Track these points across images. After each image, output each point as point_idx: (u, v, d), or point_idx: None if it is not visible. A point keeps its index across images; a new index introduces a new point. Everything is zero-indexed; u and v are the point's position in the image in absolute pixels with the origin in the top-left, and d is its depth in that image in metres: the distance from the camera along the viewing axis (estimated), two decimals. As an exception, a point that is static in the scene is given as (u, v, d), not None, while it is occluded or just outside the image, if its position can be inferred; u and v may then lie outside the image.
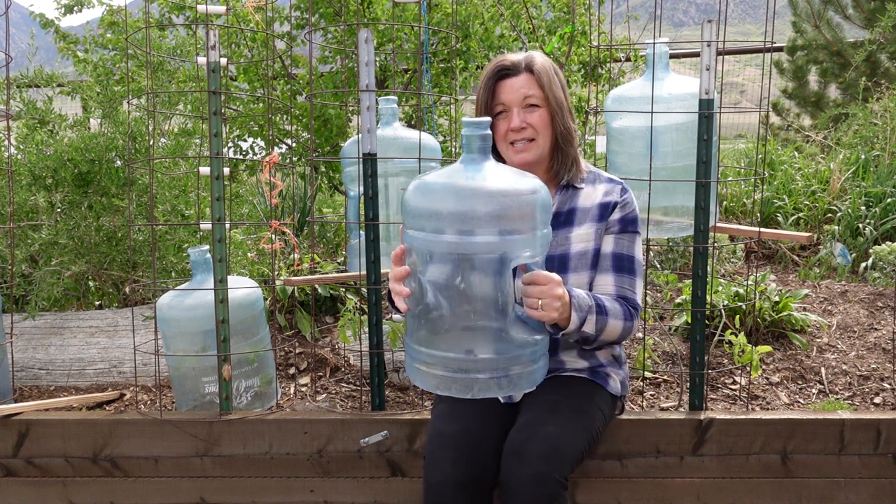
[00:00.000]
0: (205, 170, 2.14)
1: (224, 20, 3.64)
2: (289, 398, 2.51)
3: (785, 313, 2.68)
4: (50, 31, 4.33)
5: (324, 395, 2.52)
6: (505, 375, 1.44)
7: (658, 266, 3.40)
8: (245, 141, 4.15)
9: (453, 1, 3.90)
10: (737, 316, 2.64)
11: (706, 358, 2.38)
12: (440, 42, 4.20)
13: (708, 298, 2.27)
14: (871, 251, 3.35)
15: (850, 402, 2.37)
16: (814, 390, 2.45)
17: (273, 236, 2.31)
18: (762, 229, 2.34)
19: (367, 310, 2.23)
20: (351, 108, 3.76)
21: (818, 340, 2.71)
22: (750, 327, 2.65)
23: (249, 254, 3.21)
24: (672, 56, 2.43)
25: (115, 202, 2.89)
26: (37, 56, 3.46)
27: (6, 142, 2.96)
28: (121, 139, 2.84)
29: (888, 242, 3.39)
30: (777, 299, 2.72)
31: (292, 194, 4.02)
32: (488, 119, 1.47)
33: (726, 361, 2.59)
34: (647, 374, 2.55)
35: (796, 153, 4.65)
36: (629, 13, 4.61)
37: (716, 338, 2.63)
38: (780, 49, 7.31)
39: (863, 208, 3.70)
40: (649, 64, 2.35)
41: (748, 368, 2.40)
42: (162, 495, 2.16)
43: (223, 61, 2.14)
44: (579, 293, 1.64)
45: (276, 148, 4.25)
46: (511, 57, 1.78)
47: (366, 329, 2.37)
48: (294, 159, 4.23)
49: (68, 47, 4.28)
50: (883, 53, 6.65)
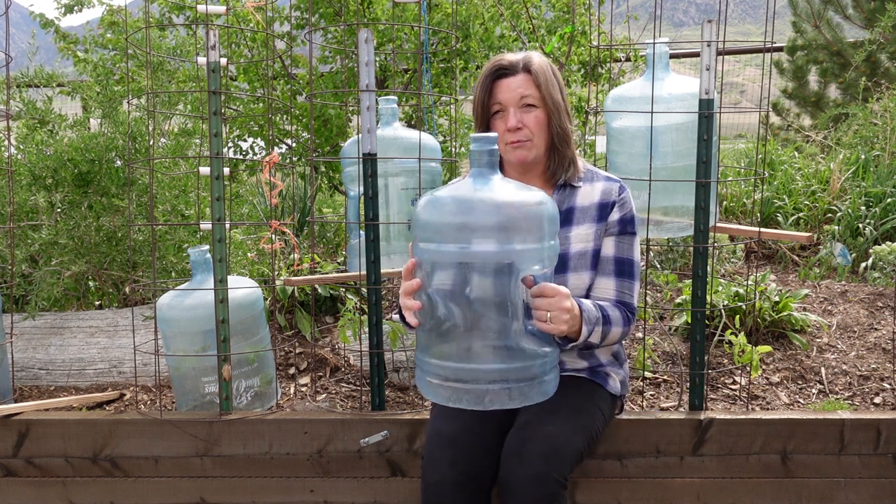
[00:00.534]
0: (205, 170, 2.14)
1: (224, 20, 3.64)
2: (289, 398, 2.51)
3: (785, 313, 2.68)
4: (50, 31, 4.33)
5: (324, 395, 2.52)
6: (517, 387, 1.46)
7: (658, 266, 3.40)
8: (245, 141, 4.15)
9: (453, 1, 3.90)
10: (737, 316, 2.64)
11: (706, 358, 2.38)
12: (440, 42, 4.20)
13: (708, 298, 2.27)
14: (871, 251, 3.35)
15: (850, 402, 2.37)
16: (814, 390, 2.45)
17: (273, 236, 2.31)
18: (762, 229, 2.34)
19: (367, 310, 2.23)
20: (351, 108, 3.76)
21: (818, 340, 2.71)
22: (750, 327, 2.65)
23: (249, 254, 3.21)
24: (672, 56, 2.43)
25: (115, 202, 2.89)
26: (37, 56, 3.46)
27: (6, 142, 2.96)
28: (121, 139, 2.84)
29: (888, 242, 3.39)
30: (777, 299, 2.72)
31: (292, 194, 4.02)
32: (495, 135, 1.48)
33: (726, 361, 2.59)
34: (647, 374, 2.55)
35: (796, 153, 4.65)
36: (629, 13, 4.61)
37: (716, 338, 2.63)
38: (780, 49, 7.31)
39: (863, 208, 3.70)
40: (649, 64, 2.35)
41: (748, 368, 2.40)
42: (162, 495, 2.16)
43: (223, 61, 2.14)
44: (587, 305, 1.64)
45: (276, 148, 4.25)
46: (509, 57, 1.78)
47: (366, 329, 2.37)
48: (294, 159, 4.23)
49: (68, 47, 4.28)
50: (883, 53, 6.65)
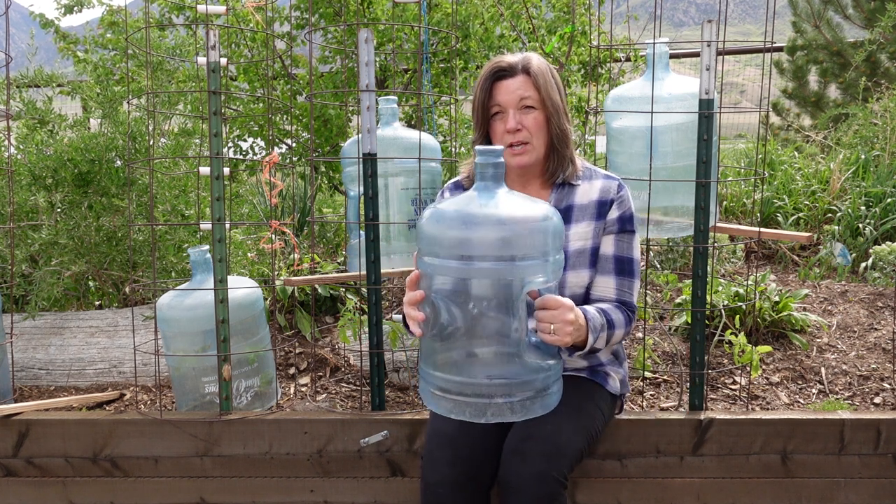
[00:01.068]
0: (205, 170, 2.14)
1: (224, 20, 3.64)
2: (289, 398, 2.51)
3: (785, 313, 2.68)
4: (50, 31, 4.32)
5: (324, 395, 2.52)
6: (519, 400, 1.46)
7: (658, 266, 3.40)
8: (245, 141, 4.15)
9: (453, 1, 3.90)
10: (737, 316, 2.64)
11: (706, 358, 2.38)
12: (440, 42, 4.20)
13: (708, 298, 2.27)
14: (871, 251, 3.35)
15: (850, 402, 2.37)
16: (814, 390, 2.45)
17: (273, 236, 2.31)
18: (762, 229, 2.34)
19: (367, 310, 2.23)
20: (351, 108, 3.76)
21: (818, 340, 2.71)
22: (750, 327, 2.65)
23: (249, 254, 3.21)
24: (672, 56, 2.43)
25: (115, 202, 2.89)
26: (37, 56, 3.46)
27: (6, 142, 2.96)
28: (121, 139, 2.84)
29: (888, 242, 3.39)
30: (777, 299, 2.72)
31: (292, 194, 4.02)
32: (501, 148, 1.48)
33: (726, 361, 2.59)
34: (647, 374, 2.55)
35: (796, 153, 4.65)
36: (629, 13, 4.61)
37: (716, 338, 2.63)
38: (780, 49, 7.30)
39: (863, 208, 3.70)
40: (649, 64, 2.35)
41: (748, 368, 2.40)
42: (162, 495, 2.16)
43: (223, 61, 2.14)
44: (592, 313, 1.64)
45: (276, 148, 4.25)
46: (508, 58, 1.78)
47: (366, 329, 2.37)
48: (294, 159, 4.23)
49: (68, 47, 4.28)
50: (883, 53, 6.65)
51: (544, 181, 1.84)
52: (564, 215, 1.80)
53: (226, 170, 2.16)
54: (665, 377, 2.57)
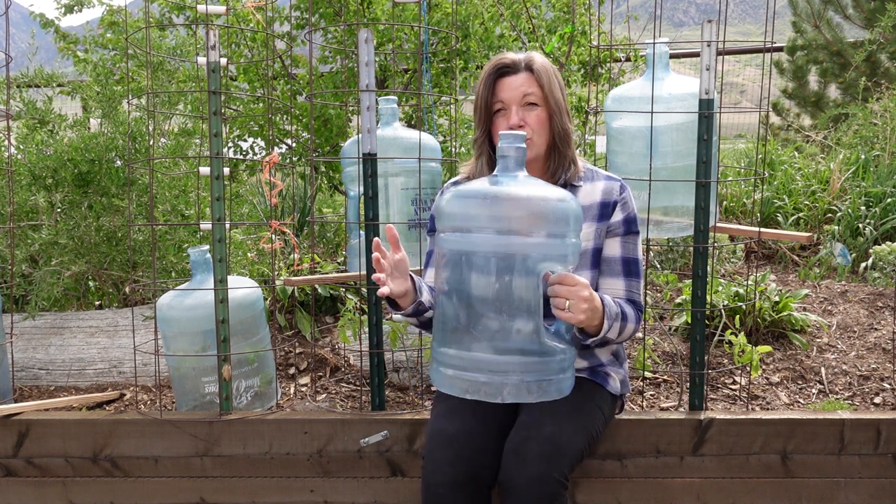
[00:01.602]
0: (205, 170, 2.14)
1: (224, 20, 3.64)
2: (289, 398, 2.51)
3: (785, 313, 2.68)
4: (50, 31, 4.33)
5: (324, 395, 2.52)
6: (535, 381, 1.47)
7: (658, 266, 3.40)
8: (245, 141, 4.15)
9: (453, 1, 3.90)
10: (737, 316, 2.64)
11: (706, 358, 2.38)
12: (440, 42, 4.20)
13: (708, 298, 2.27)
14: (871, 251, 3.34)
15: (850, 402, 2.37)
16: (814, 390, 2.45)
17: (273, 236, 2.31)
18: (762, 229, 2.34)
19: (367, 310, 2.23)
20: (351, 108, 3.76)
21: (818, 340, 2.71)
22: (750, 327, 2.65)
23: (249, 254, 3.21)
24: (672, 56, 2.43)
25: (115, 202, 2.89)
26: (37, 56, 3.46)
27: (6, 142, 2.96)
28: (121, 139, 2.84)
29: (888, 242, 3.39)
30: (777, 299, 2.72)
31: (292, 194, 4.02)
32: (523, 133, 1.51)
33: (726, 361, 2.59)
34: (647, 374, 2.55)
35: (796, 153, 4.65)
36: (629, 13, 4.61)
37: (716, 338, 2.63)
38: (780, 49, 7.30)
39: (863, 208, 3.70)
40: (649, 64, 2.35)
41: (748, 368, 2.40)
42: (162, 495, 2.16)
43: (223, 61, 2.14)
44: (608, 300, 1.65)
45: (276, 148, 4.25)
46: (511, 55, 1.79)
47: (366, 329, 2.37)
48: (294, 159, 4.23)
49: (68, 47, 4.28)
50: (883, 53, 6.65)
51: (545, 181, 1.84)
52: None
53: (226, 170, 2.16)
54: (665, 377, 2.57)
